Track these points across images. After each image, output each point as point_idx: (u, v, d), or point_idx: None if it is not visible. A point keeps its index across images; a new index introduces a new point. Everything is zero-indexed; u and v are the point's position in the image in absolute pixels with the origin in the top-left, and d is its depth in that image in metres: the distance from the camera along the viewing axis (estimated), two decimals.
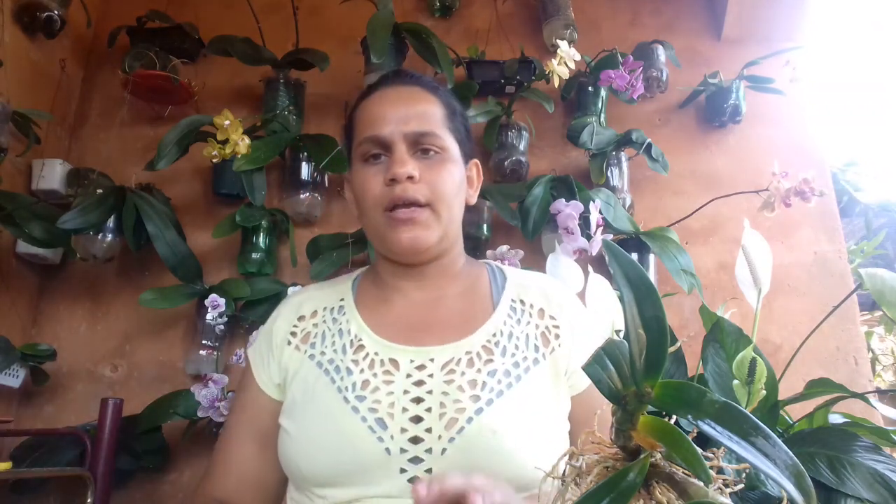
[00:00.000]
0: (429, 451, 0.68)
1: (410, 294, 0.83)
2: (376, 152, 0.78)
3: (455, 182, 0.79)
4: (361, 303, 0.84)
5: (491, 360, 0.74)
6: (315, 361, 0.78)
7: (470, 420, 0.69)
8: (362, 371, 0.74)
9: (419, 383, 0.73)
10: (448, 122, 0.81)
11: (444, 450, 0.67)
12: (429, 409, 0.71)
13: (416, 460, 0.68)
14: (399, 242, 0.76)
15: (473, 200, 0.86)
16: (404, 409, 0.71)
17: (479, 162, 0.89)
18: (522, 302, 0.82)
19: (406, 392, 0.72)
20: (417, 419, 0.70)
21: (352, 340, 0.78)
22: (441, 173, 0.77)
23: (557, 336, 0.79)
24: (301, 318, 0.83)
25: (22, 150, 1.42)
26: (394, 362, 0.75)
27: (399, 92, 0.82)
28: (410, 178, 0.75)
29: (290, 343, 0.81)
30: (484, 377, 0.73)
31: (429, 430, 0.69)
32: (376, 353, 0.76)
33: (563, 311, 0.81)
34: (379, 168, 0.78)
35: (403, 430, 0.69)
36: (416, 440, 0.69)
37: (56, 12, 1.51)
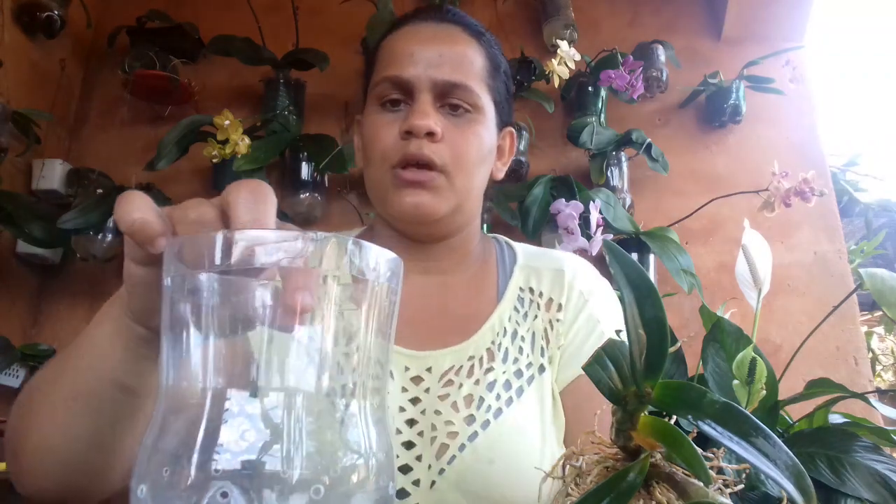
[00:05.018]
0: (416, 483, 0.58)
1: (411, 276, 0.67)
2: (395, 97, 0.65)
3: (483, 149, 0.66)
4: None
5: (491, 369, 0.63)
6: None
7: (462, 447, 0.59)
8: None
9: (415, 401, 0.62)
10: (489, 77, 0.68)
11: (433, 482, 0.58)
12: (421, 433, 0.60)
13: (402, 494, 0.58)
14: (401, 206, 0.64)
15: (501, 175, 0.73)
16: (398, 432, 0.60)
17: (514, 131, 0.76)
18: (532, 290, 0.69)
19: (402, 410, 0.61)
20: (409, 445, 0.60)
21: None
22: (467, 135, 0.64)
23: (559, 323, 0.67)
24: None
25: (22, 150, 1.42)
26: None
27: (436, 30, 0.67)
28: (431, 134, 0.62)
29: None
30: (482, 391, 0.62)
31: (419, 458, 0.59)
32: None
33: (571, 295, 0.68)
34: (396, 117, 0.65)
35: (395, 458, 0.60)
36: (405, 469, 0.58)
37: (56, 12, 1.51)
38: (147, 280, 0.37)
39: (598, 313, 0.67)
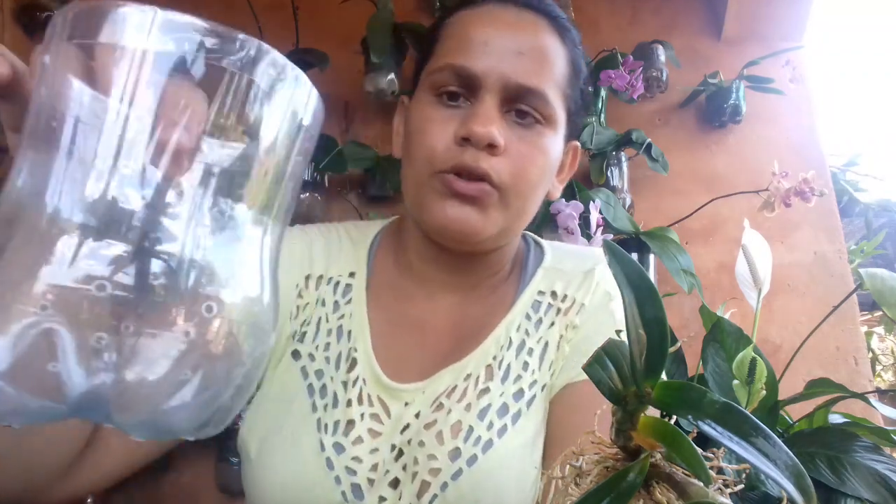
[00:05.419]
0: None
1: (437, 294, 0.62)
2: (455, 90, 0.55)
3: (546, 167, 0.57)
4: (375, 286, 0.62)
5: (486, 391, 0.55)
6: (300, 365, 0.58)
7: (444, 486, 0.52)
8: (349, 404, 0.56)
9: (404, 429, 0.55)
10: (568, 84, 0.58)
11: None
12: (404, 467, 0.54)
13: None
14: (443, 220, 0.54)
15: (557, 194, 0.65)
16: (387, 472, 0.54)
17: (579, 146, 0.67)
18: (554, 294, 0.61)
19: (393, 448, 0.55)
20: (395, 482, 0.54)
21: (349, 352, 0.58)
22: (532, 151, 0.55)
23: (575, 330, 0.58)
24: (307, 279, 0.61)
25: None
26: (383, 404, 0.56)
27: (517, 18, 0.56)
28: (492, 146, 0.53)
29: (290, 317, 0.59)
30: (472, 419, 0.54)
31: (400, 498, 0.53)
32: (364, 382, 0.57)
33: (596, 294, 0.60)
34: (453, 114, 0.54)
35: (382, 500, 0.53)
36: None
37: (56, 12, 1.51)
38: None
39: (620, 315, 0.61)
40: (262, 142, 0.27)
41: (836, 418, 0.98)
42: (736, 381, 0.78)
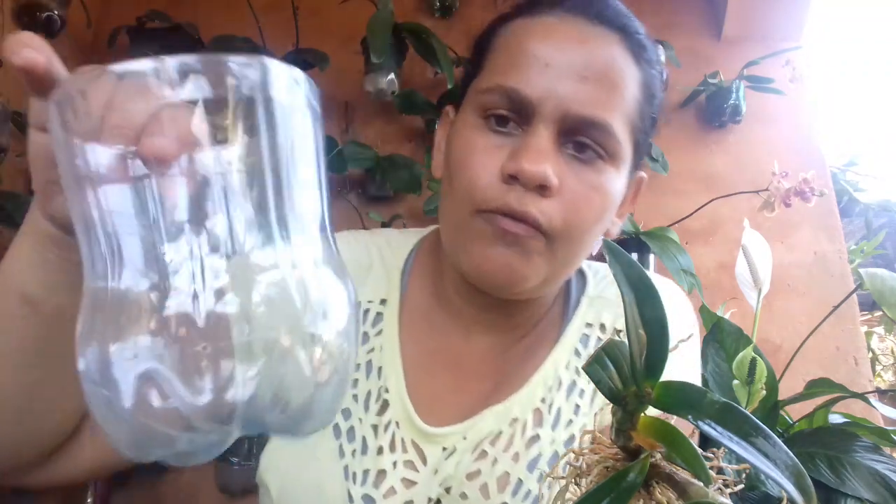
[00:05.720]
0: None
1: (475, 332, 0.56)
2: (504, 114, 0.47)
3: (605, 209, 0.49)
4: (407, 314, 0.57)
5: (536, 438, 0.50)
6: None
7: None
8: (380, 451, 0.50)
9: (444, 480, 0.50)
10: (638, 114, 0.50)
11: None
12: None
13: None
14: (482, 265, 0.48)
15: (616, 232, 0.55)
16: None
17: (644, 176, 0.56)
18: (603, 327, 0.55)
19: (430, 501, 0.49)
20: None
21: (379, 392, 0.53)
22: (589, 192, 0.47)
23: None
24: None
25: (22, 150, 1.42)
26: (418, 450, 0.51)
27: (586, 33, 0.48)
28: (544, 188, 0.45)
29: None
30: (521, 471, 0.49)
31: None
32: (397, 426, 0.52)
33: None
34: (501, 142, 0.47)
35: None
36: None
37: (56, 12, 1.51)
38: (49, 151, 0.30)
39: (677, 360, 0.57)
40: (282, 143, 0.28)
41: (836, 418, 0.98)
42: (736, 381, 0.78)
